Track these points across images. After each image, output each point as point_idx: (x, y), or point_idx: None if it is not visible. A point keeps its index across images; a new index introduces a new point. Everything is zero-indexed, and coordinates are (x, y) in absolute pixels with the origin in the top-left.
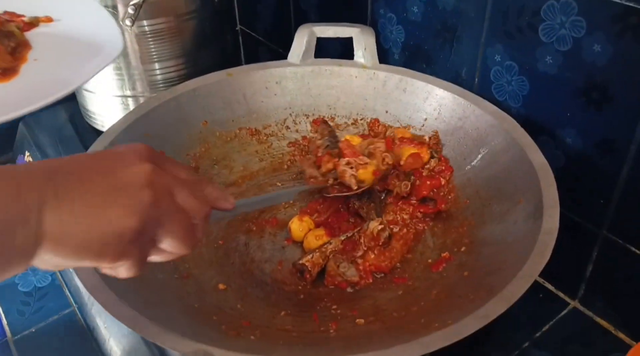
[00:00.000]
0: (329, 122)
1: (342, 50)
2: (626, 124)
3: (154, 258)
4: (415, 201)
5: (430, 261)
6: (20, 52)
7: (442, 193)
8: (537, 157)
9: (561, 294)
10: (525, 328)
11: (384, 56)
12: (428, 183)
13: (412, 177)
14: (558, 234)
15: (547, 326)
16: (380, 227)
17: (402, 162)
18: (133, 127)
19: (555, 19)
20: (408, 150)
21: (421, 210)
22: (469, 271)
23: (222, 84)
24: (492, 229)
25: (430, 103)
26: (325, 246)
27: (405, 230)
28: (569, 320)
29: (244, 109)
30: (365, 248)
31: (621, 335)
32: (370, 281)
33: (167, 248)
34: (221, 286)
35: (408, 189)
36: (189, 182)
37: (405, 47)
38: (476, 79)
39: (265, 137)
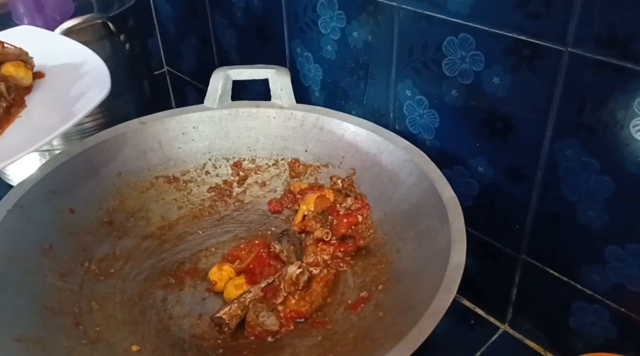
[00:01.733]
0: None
1: (265, 88)
2: (531, 152)
3: None
4: (334, 241)
5: (350, 301)
6: (12, 113)
7: (359, 230)
8: (446, 190)
9: (491, 319)
10: (458, 355)
11: (305, 94)
12: (345, 220)
13: (330, 217)
14: (482, 260)
15: (479, 353)
16: (298, 271)
17: (312, 208)
18: (40, 185)
19: (456, 54)
20: (312, 197)
21: (341, 249)
22: (384, 311)
23: (136, 133)
24: (407, 265)
25: (346, 140)
26: (244, 295)
27: (325, 271)
28: (500, 344)
29: (160, 157)
30: (285, 294)
31: None
32: (292, 328)
33: None
34: (134, 348)
35: (329, 234)
36: None
37: (324, 84)
38: (391, 114)
39: (184, 184)
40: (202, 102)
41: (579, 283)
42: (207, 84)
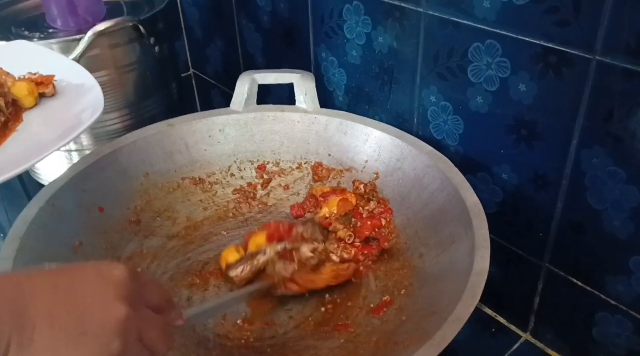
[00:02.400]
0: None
1: (290, 92)
2: (556, 159)
3: None
4: (358, 243)
5: (372, 305)
6: (9, 127)
7: (383, 233)
8: (470, 197)
9: (513, 327)
10: None
11: (329, 98)
12: (369, 223)
13: (353, 219)
14: (505, 268)
15: None
16: (309, 254)
17: (334, 211)
18: (71, 184)
19: (482, 61)
20: (334, 200)
21: (365, 252)
22: (407, 315)
23: (163, 134)
24: (430, 270)
25: (370, 145)
26: (258, 257)
27: (346, 265)
28: (522, 353)
29: (186, 158)
30: (296, 267)
31: None
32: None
33: None
34: None
35: (352, 236)
36: (159, 319)
37: (347, 89)
38: (415, 119)
39: (209, 186)
40: (227, 105)
41: (603, 293)
42: (232, 87)
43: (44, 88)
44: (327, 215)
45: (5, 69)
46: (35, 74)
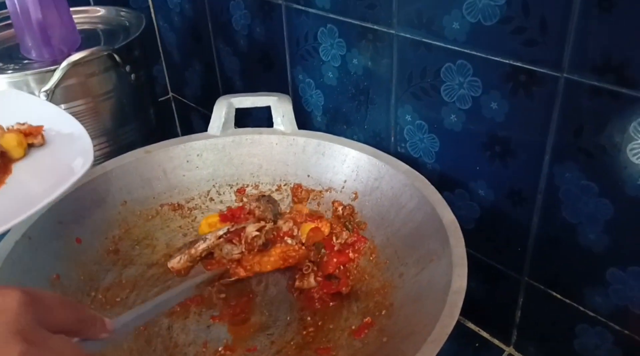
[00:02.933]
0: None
1: (269, 114)
2: (530, 175)
3: None
4: (320, 278)
5: (353, 327)
6: None
7: (348, 273)
8: (447, 214)
9: (496, 342)
10: None
11: (307, 120)
12: (335, 260)
13: (323, 249)
14: (485, 283)
15: None
16: (255, 233)
17: (303, 239)
18: (48, 215)
19: (454, 80)
20: (307, 226)
21: (324, 289)
22: (388, 337)
23: (140, 161)
24: (409, 290)
25: (348, 165)
26: (198, 245)
27: (295, 247)
28: None
29: (164, 185)
30: (244, 249)
31: None
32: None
33: None
34: None
35: (309, 267)
36: (68, 346)
37: (325, 110)
38: (392, 138)
39: (188, 212)
40: (207, 128)
41: (582, 305)
42: (211, 110)
43: (32, 138)
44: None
45: None
46: (24, 124)
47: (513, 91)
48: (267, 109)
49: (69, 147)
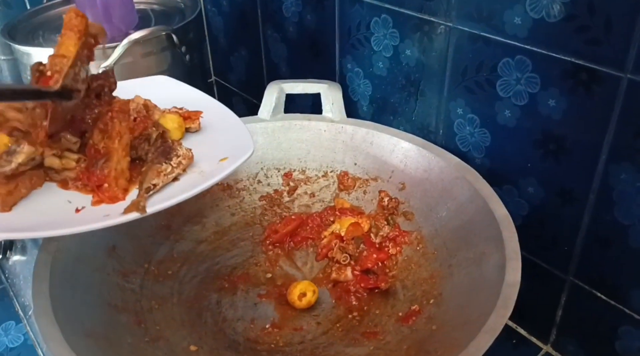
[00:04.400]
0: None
1: (313, 102)
2: (584, 174)
3: None
4: (358, 272)
5: (400, 314)
6: None
7: (386, 269)
8: (499, 209)
9: (534, 339)
10: None
11: (353, 108)
12: (374, 256)
13: (362, 245)
14: (528, 280)
15: None
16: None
17: (342, 232)
18: None
19: (511, 76)
20: (347, 220)
21: (361, 283)
22: (437, 325)
23: None
24: (459, 281)
25: (396, 155)
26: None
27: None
28: None
29: None
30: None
31: None
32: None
33: None
34: (192, 348)
35: (347, 257)
36: None
37: (372, 100)
38: (441, 131)
39: (237, 192)
40: (249, 113)
41: (628, 307)
42: (254, 95)
43: (190, 123)
44: (336, 231)
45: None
46: (181, 108)
47: (572, 89)
48: (312, 98)
49: (225, 135)
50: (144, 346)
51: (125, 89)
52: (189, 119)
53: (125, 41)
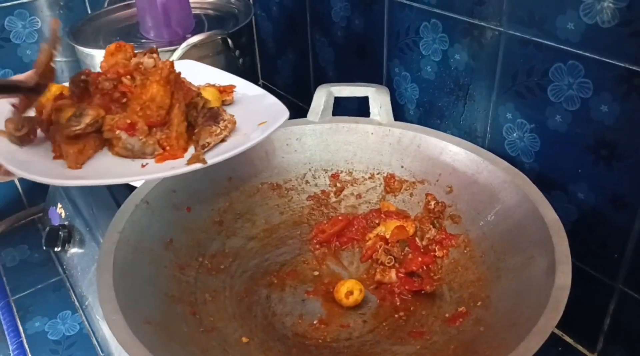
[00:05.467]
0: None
1: (359, 105)
2: (636, 180)
3: None
4: (402, 274)
5: (447, 315)
6: None
7: (431, 273)
8: (549, 213)
9: (580, 348)
10: None
11: (400, 112)
12: (420, 259)
13: (407, 247)
14: (575, 287)
15: None
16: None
17: (387, 235)
18: (162, 185)
19: (563, 81)
20: (393, 223)
21: (406, 286)
22: (485, 327)
23: None
24: (507, 284)
25: (444, 159)
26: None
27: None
28: None
29: (265, 165)
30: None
31: None
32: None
33: None
34: (244, 339)
35: (392, 259)
36: None
37: (419, 103)
38: (488, 135)
39: (285, 192)
40: (295, 116)
41: None
42: (301, 98)
43: (226, 96)
44: (381, 234)
45: None
46: (214, 84)
47: (626, 94)
48: (357, 101)
49: (259, 104)
50: (199, 335)
51: None
52: (224, 93)
53: (184, 44)
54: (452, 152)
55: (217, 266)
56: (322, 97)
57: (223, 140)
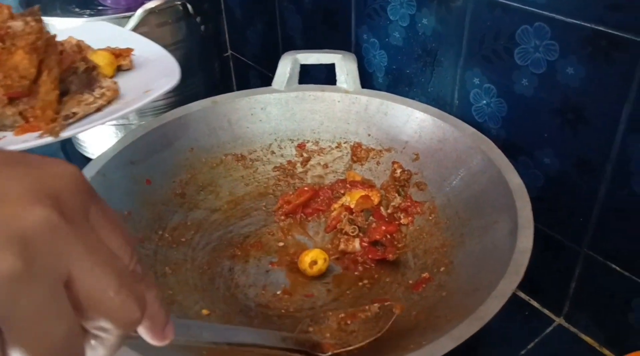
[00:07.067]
0: None
1: (327, 74)
2: (601, 144)
3: None
4: (366, 244)
5: (411, 281)
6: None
7: (395, 242)
8: (514, 178)
9: (546, 312)
10: (511, 346)
11: (368, 80)
12: (383, 228)
13: (371, 217)
14: (542, 252)
15: (532, 344)
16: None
17: (352, 205)
18: (120, 156)
19: (529, 43)
20: (358, 193)
21: (369, 255)
22: (447, 292)
23: (208, 111)
24: (471, 250)
25: (410, 126)
26: None
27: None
28: (555, 337)
29: (229, 135)
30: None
31: (606, 352)
32: None
33: None
34: (205, 312)
35: (356, 229)
36: (122, 269)
37: (388, 71)
38: (456, 101)
39: (250, 163)
40: (264, 86)
41: None
42: (270, 69)
43: (122, 60)
44: (345, 204)
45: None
46: (114, 48)
47: (592, 56)
48: (326, 69)
49: (155, 69)
50: None
51: (64, 32)
52: (121, 57)
53: (141, 10)
54: (419, 119)
55: (178, 239)
56: (288, 65)
57: (99, 109)
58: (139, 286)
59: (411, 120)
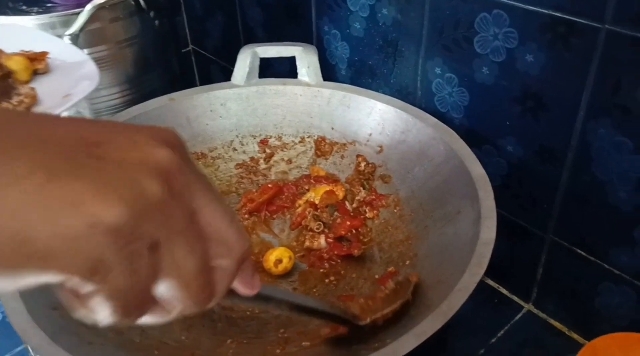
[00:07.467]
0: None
1: (290, 66)
2: (562, 131)
3: (145, 318)
4: (331, 240)
5: (377, 276)
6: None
7: (360, 237)
8: (476, 168)
9: (515, 298)
10: (481, 334)
11: (331, 72)
12: (348, 223)
13: (336, 212)
14: (508, 240)
15: (502, 331)
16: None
17: (317, 201)
18: None
19: (488, 31)
20: (322, 188)
21: (335, 251)
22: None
23: (165, 109)
24: (434, 241)
25: (374, 118)
26: None
27: None
28: (524, 324)
29: (188, 133)
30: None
31: (574, 336)
32: None
33: (165, 294)
34: None
35: (320, 225)
36: (228, 211)
37: (350, 62)
38: (419, 92)
39: (212, 161)
40: (227, 81)
41: (607, 263)
42: (232, 63)
43: (37, 64)
44: (310, 200)
45: None
46: (28, 51)
47: (551, 43)
48: (289, 62)
49: (74, 73)
50: None
51: None
52: (36, 61)
53: (89, 6)
54: (382, 111)
55: None
56: (247, 58)
57: None
58: (239, 229)
59: (374, 112)
